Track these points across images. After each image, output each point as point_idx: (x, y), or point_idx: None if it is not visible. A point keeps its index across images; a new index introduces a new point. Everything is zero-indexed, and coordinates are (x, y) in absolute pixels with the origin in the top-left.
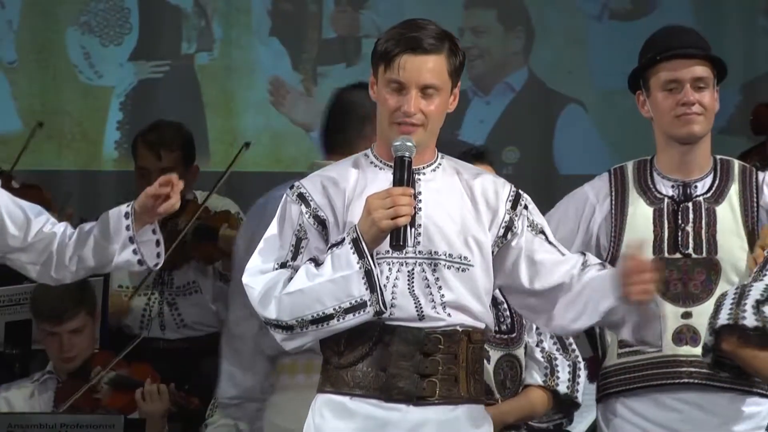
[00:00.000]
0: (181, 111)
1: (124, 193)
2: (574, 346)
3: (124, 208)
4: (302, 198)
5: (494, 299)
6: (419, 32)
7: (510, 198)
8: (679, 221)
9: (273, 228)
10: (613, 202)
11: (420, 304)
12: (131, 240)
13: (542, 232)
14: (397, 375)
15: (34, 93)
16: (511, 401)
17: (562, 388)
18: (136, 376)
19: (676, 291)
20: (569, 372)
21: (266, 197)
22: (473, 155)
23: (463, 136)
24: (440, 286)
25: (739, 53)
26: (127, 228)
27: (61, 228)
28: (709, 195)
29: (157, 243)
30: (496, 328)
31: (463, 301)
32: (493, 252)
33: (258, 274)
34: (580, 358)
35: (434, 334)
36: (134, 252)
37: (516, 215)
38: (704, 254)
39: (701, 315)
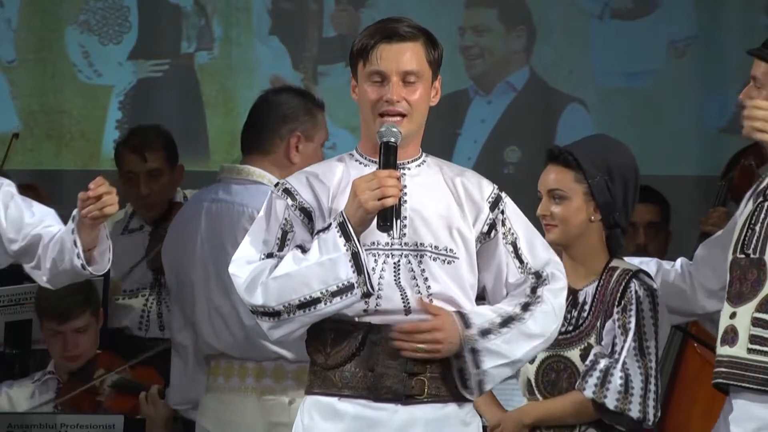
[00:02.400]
0: (181, 110)
1: (123, 192)
2: (624, 349)
3: (75, 212)
4: (288, 192)
5: None
6: (393, 23)
7: (491, 198)
8: (752, 221)
9: (259, 222)
10: (743, 205)
11: (407, 296)
12: (75, 243)
13: (513, 243)
14: (385, 374)
15: (33, 92)
16: (536, 402)
17: (588, 392)
18: (139, 380)
19: (734, 291)
20: (621, 384)
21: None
22: (548, 155)
23: (465, 136)
24: (426, 278)
25: (739, 53)
26: (72, 231)
27: (51, 231)
28: None
29: (109, 249)
30: None
31: (449, 293)
32: (476, 249)
33: (244, 264)
34: (651, 370)
35: None
36: (78, 256)
37: (495, 217)
38: (757, 254)
39: (743, 315)
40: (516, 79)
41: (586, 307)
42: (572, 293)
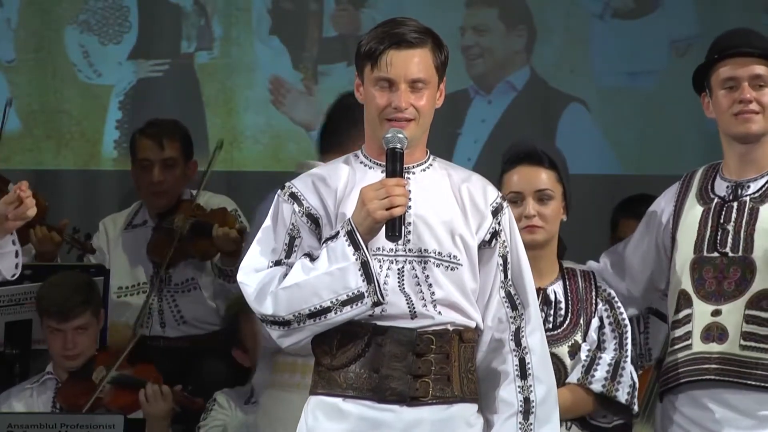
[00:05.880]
0: (181, 110)
1: (123, 192)
2: (628, 344)
3: None
4: (294, 197)
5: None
6: (401, 28)
7: (493, 205)
8: (722, 220)
9: (266, 227)
10: (676, 206)
11: (411, 301)
12: None
13: (504, 257)
14: (390, 376)
15: (32, 92)
16: None
17: (597, 386)
18: (139, 376)
19: (710, 289)
20: (608, 370)
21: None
22: (522, 156)
23: (465, 136)
24: (430, 284)
25: None
26: None
27: None
28: (757, 195)
29: (16, 254)
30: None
31: (452, 298)
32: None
33: (252, 272)
34: (627, 356)
35: (426, 334)
36: None
37: (495, 225)
38: (740, 253)
39: (730, 313)
40: (516, 79)
41: (561, 305)
42: (541, 291)
